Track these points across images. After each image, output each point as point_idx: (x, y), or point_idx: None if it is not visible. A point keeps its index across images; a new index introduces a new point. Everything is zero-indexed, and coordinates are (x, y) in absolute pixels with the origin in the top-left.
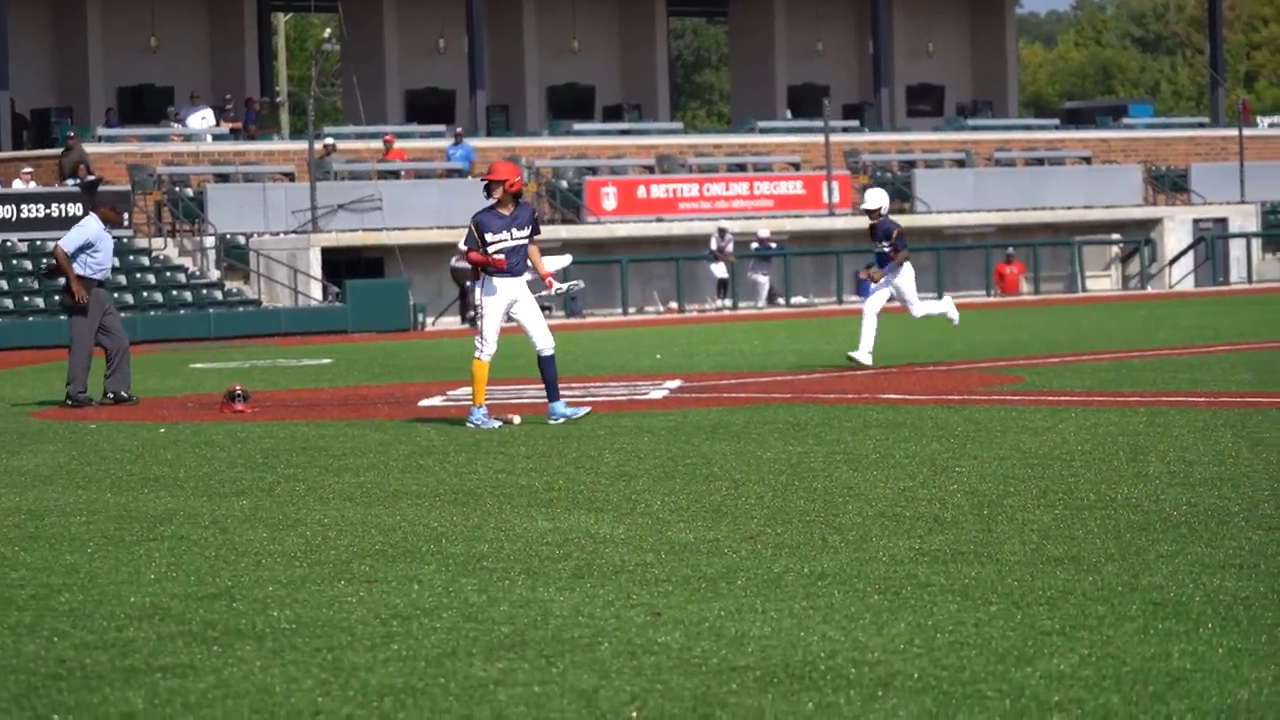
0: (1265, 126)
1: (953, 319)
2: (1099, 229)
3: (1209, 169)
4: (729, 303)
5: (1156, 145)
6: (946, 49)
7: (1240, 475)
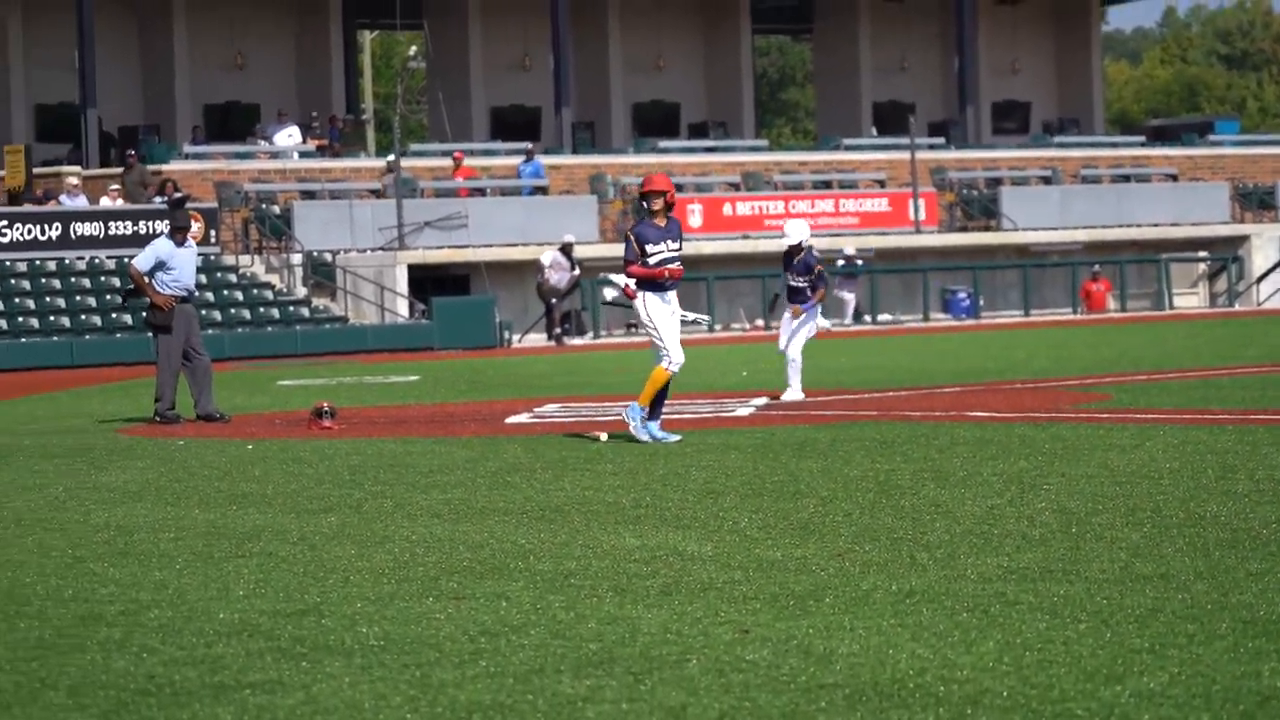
0: None
1: (788, 392)
2: (1186, 246)
3: None
4: None
5: (1243, 162)
6: (1032, 66)
7: None
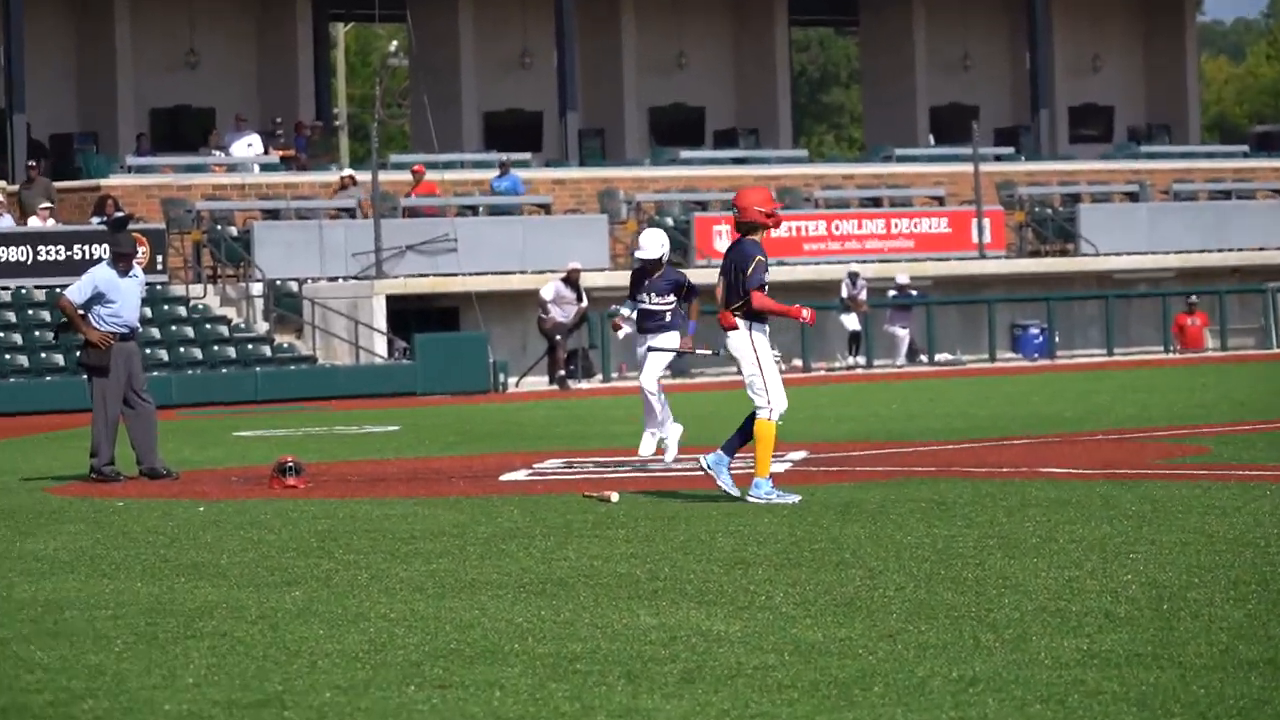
0: None
1: (664, 449)
2: None
3: None
4: (862, 359)
5: None
6: (1116, 63)
7: None
